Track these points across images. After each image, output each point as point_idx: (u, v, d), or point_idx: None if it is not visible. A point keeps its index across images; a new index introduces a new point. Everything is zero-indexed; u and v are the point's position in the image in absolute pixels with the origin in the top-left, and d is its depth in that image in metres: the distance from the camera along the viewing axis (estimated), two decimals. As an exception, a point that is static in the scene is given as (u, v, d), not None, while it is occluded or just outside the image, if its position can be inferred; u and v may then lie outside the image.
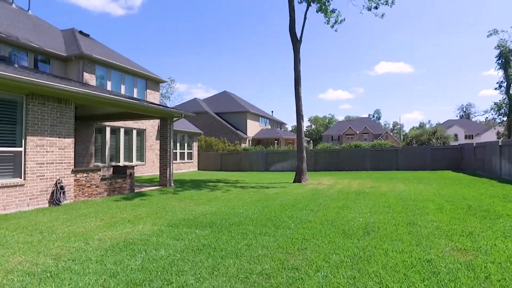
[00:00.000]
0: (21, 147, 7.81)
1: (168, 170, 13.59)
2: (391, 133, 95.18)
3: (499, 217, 6.29)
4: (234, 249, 4.56)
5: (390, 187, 12.21)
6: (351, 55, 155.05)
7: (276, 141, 41.54)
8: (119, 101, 10.37)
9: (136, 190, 11.76)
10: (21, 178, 7.81)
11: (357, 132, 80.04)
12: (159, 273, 3.66)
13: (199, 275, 3.58)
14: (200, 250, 4.52)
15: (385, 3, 16.25)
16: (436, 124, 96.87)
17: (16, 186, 7.63)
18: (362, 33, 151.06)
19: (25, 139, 7.85)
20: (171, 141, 13.71)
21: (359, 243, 4.70)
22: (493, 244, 4.46)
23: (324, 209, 7.61)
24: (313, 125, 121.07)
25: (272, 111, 52.88)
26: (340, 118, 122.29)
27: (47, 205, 8.28)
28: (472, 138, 75.19)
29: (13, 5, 18.83)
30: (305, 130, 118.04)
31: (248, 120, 39.74)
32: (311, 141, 54.90)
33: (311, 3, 16.69)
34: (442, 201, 8.33)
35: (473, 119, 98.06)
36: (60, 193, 8.54)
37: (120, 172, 11.56)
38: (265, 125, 45.23)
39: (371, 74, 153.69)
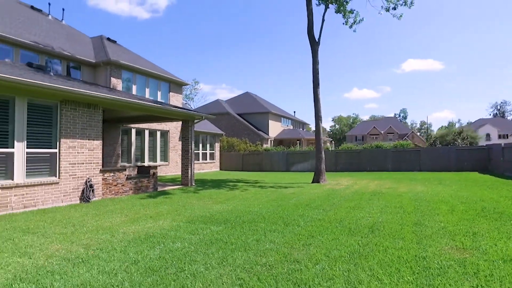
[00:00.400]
0: (56, 148, 8.58)
1: (189, 170, 14.19)
2: (418, 133, 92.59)
3: (497, 219, 6.30)
4: (243, 243, 4.94)
5: (408, 188, 12.18)
6: (377, 53, 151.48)
7: (298, 142, 41.61)
8: (142, 105, 11.03)
9: (159, 189, 12.41)
10: (56, 176, 8.57)
11: (382, 132, 78.41)
12: (174, 262, 4.10)
13: (208, 265, 3.99)
14: (213, 244, 4.93)
15: (403, 4, 16.12)
16: (467, 123, 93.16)
17: (52, 184, 8.40)
18: (388, 30, 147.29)
19: (59, 141, 8.61)
20: (192, 142, 14.30)
21: (361, 241, 4.96)
22: (493, 244, 4.59)
23: (336, 209, 7.85)
24: (337, 125, 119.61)
25: (294, 112, 52.99)
26: (365, 117, 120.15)
27: (78, 202, 9.02)
28: (507, 137, 71.70)
29: (49, 17, 20.19)
30: (328, 130, 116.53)
31: (269, 121, 40.09)
32: (333, 141, 54.38)
33: (329, 5, 16.81)
34: (457, 203, 8.34)
35: (508, 118, 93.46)
36: (89, 191, 9.27)
37: (144, 172, 12.26)
38: (287, 126, 45.40)
39: (398, 72, 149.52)
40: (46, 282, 3.44)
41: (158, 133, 20.98)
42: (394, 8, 16.50)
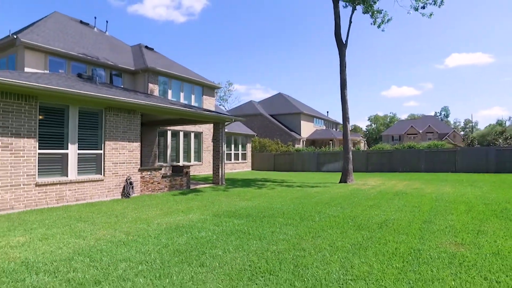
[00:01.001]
0: (101, 150, 9.74)
1: (220, 169, 15.06)
2: (462, 132, 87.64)
3: (523, 218, 6.40)
4: (259, 234, 5.57)
5: (435, 189, 12.15)
6: (417, 48, 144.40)
7: (330, 142, 41.49)
8: (174, 110, 12.03)
9: (191, 187, 13.37)
10: (101, 174, 9.73)
11: (420, 131, 75.36)
12: (198, 246, 4.83)
13: (226, 250, 4.67)
14: (233, 234, 5.61)
15: (433, 3, 15.89)
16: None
17: (98, 181, 9.56)
18: (429, 23, 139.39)
19: (104, 143, 9.76)
20: (223, 143, 15.16)
21: (367, 235, 5.40)
22: (492, 241, 4.86)
23: (354, 207, 8.25)
24: (373, 124, 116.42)
25: (327, 112, 52.70)
26: (403, 116, 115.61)
27: (120, 197, 10.14)
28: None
29: (95, 29, 22.09)
30: (364, 129, 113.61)
31: (302, 121, 40.36)
32: (365, 142, 53.27)
33: (356, 7, 16.96)
34: (479, 204, 8.39)
35: None
36: (129, 187, 10.37)
37: (178, 171, 13.28)
38: (320, 126, 45.34)
39: (440, 68, 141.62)
40: (96, 257, 4.30)
41: (192, 135, 22.16)
42: (423, 7, 16.32)
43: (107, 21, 24.37)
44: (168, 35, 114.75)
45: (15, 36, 13.18)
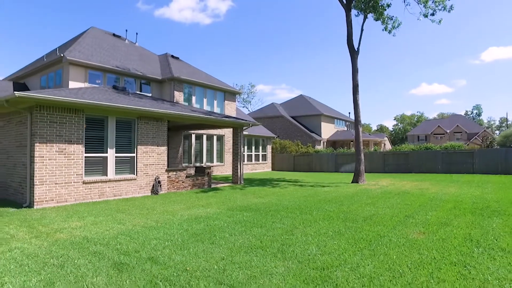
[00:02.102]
0: (134, 153, 11.34)
1: (238, 170, 16.42)
2: (497, 131, 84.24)
3: (497, 216, 7.26)
4: (262, 223, 6.83)
5: (439, 189, 12.84)
6: (450, 43, 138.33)
7: (352, 143, 41.92)
8: (196, 117, 13.50)
9: (212, 186, 14.81)
10: (134, 174, 11.34)
11: (448, 131, 73.49)
12: (211, 231, 6.16)
13: (232, 234, 5.96)
14: (240, 223, 6.90)
15: (442, 9, 16.45)
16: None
17: (131, 180, 11.17)
18: (464, 16, 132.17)
19: (136, 147, 11.36)
20: (241, 146, 16.51)
21: (349, 225, 6.53)
22: (450, 231, 5.85)
23: (351, 204, 9.31)
24: (399, 124, 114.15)
25: (349, 113, 52.86)
26: (433, 115, 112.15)
27: (149, 194, 11.72)
28: None
29: (126, 41, 24.18)
30: (391, 129, 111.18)
31: (322, 123, 41.09)
32: (390, 142, 52.91)
33: (368, 15, 17.79)
34: (467, 202, 9.20)
35: None
36: (158, 185, 11.93)
37: (201, 171, 14.76)
38: (341, 127, 45.80)
39: (475, 63, 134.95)
40: (134, 236, 5.73)
41: (215, 137, 23.71)
42: (433, 14, 16.90)
43: (136, 33, 26.44)
44: (194, 38, 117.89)
45: (62, 55, 15.19)
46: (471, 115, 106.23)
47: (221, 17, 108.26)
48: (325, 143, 41.04)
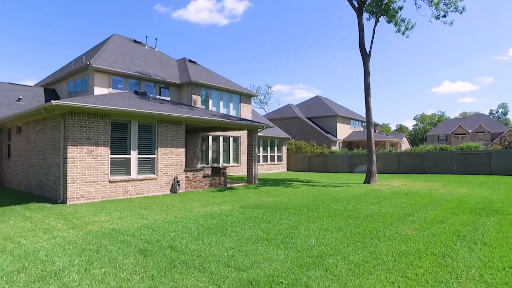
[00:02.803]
0: (155, 154, 12.21)
1: (253, 170, 17.10)
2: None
3: (495, 215, 7.62)
4: (270, 219, 7.47)
5: (449, 190, 13.08)
6: (474, 39, 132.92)
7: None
8: (212, 121, 14.28)
9: (228, 185, 15.55)
10: (155, 174, 12.21)
11: (470, 131, 71.62)
12: (223, 225, 6.85)
13: (242, 228, 6.63)
14: (251, 219, 7.56)
15: (454, 10, 16.57)
16: None
17: (152, 179, 12.05)
18: (491, 11, 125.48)
19: (157, 149, 12.22)
20: (256, 148, 17.19)
21: (350, 222, 7.07)
22: (442, 228, 6.31)
23: (357, 203, 9.81)
24: (420, 124, 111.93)
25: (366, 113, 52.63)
26: (455, 114, 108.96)
27: (169, 192, 12.56)
28: None
29: (146, 46, 25.34)
30: (410, 129, 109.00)
31: (338, 124, 41.27)
32: (409, 142, 52.25)
33: (379, 18, 18.10)
34: (471, 202, 9.52)
35: None
36: (176, 185, 12.77)
37: (217, 171, 15.53)
38: (357, 128, 45.76)
39: (503, 60, 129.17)
40: (156, 229, 6.50)
41: (231, 139, 24.49)
42: (444, 16, 17.04)
43: (156, 39, 27.67)
44: (212, 39, 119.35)
45: (88, 63, 16.33)
46: (496, 114, 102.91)
47: (238, 18, 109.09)
48: (340, 143, 41.18)
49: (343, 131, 42.27)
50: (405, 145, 59.86)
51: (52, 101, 8.83)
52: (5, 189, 13.87)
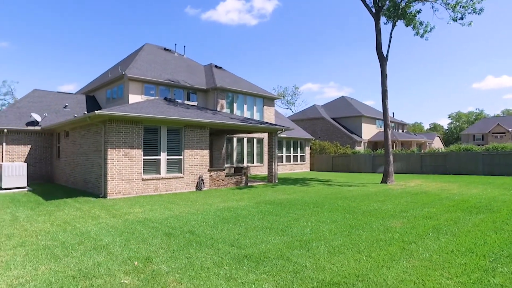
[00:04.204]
0: (181, 156, 13.66)
1: (273, 170, 18.20)
2: None
3: (485, 213, 8.25)
4: (277, 213, 8.56)
5: (461, 190, 13.42)
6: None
7: (394, 143, 41.58)
8: (234, 125, 15.55)
9: (248, 184, 16.77)
10: (181, 173, 13.66)
11: (510, 129, 68.27)
12: (236, 217, 8.03)
13: (252, 219, 7.78)
14: (262, 213, 8.69)
15: (472, 12, 16.72)
16: None
17: (179, 178, 13.50)
18: None
19: (183, 151, 13.66)
20: (275, 149, 18.28)
21: (347, 216, 8.01)
22: (427, 223, 7.10)
23: (363, 201, 10.65)
24: (456, 122, 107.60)
25: (393, 113, 52.02)
26: (496, 112, 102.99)
27: (194, 190, 13.98)
28: None
29: (175, 54, 27.18)
30: (445, 128, 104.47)
31: (362, 124, 41.36)
32: (429, 143, 50.91)
33: (396, 23, 18.55)
34: (473, 201, 10.09)
35: None
36: (201, 183, 14.15)
37: (239, 171, 16.79)
38: (383, 128, 45.43)
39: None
40: (180, 218, 7.81)
41: (255, 140, 25.72)
42: (462, 18, 17.21)
43: (184, 46, 29.48)
44: (241, 39, 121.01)
45: (123, 73, 18.20)
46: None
47: (267, 17, 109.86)
48: (365, 144, 41.22)
49: (369, 131, 42.26)
50: (437, 145, 58.33)
51: (95, 111, 10.46)
52: (56, 185, 15.95)
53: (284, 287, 3.71)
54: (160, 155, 12.89)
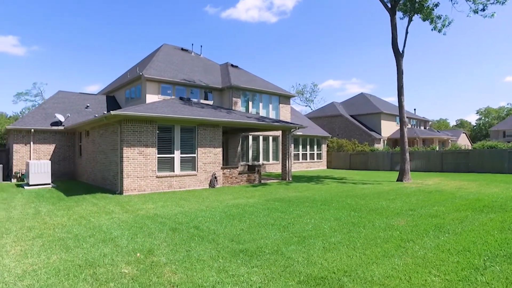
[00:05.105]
0: (195, 154, 14.02)
1: (287, 167, 18.30)
2: None
3: (496, 212, 8.06)
4: (284, 210, 8.71)
5: (480, 189, 12.97)
6: None
7: (415, 141, 40.59)
8: (247, 123, 15.76)
9: (262, 181, 16.96)
10: (195, 171, 14.02)
11: (542, 126, 64.83)
12: (243, 214, 8.24)
13: (258, 216, 7.97)
14: (269, 209, 8.87)
15: (495, 2, 16.08)
16: None
17: (193, 175, 13.87)
18: None
19: (197, 149, 14.02)
20: (289, 147, 18.36)
21: (352, 214, 8.05)
22: (431, 221, 7.05)
23: (372, 199, 10.60)
24: (485, 118, 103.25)
25: (414, 109, 50.72)
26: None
27: (207, 187, 14.31)
28: None
29: (192, 53, 27.68)
30: (474, 124, 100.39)
31: (382, 121, 40.60)
32: (452, 140, 49.16)
33: (413, 17, 18.15)
34: (488, 201, 9.85)
35: None
36: (214, 180, 14.47)
37: (252, 169, 17.01)
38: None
39: None
40: (188, 214, 8.11)
41: (270, 138, 25.86)
42: (483, 9, 16.61)
43: (201, 46, 30.11)
44: (262, 37, 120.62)
45: (140, 73, 18.80)
46: None
47: (287, 14, 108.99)
48: (385, 141, 40.46)
49: (388, 128, 41.43)
50: (463, 142, 56.32)
51: (111, 111, 10.96)
52: (78, 182, 16.76)
53: (271, 279, 3.89)
54: (174, 153, 13.29)
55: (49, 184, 14.66)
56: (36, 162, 14.28)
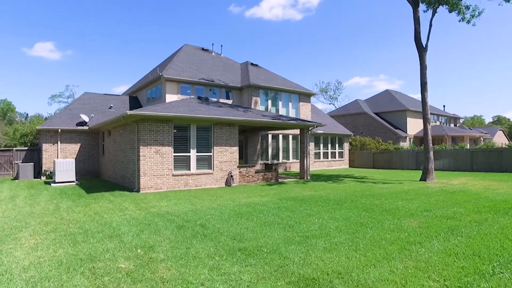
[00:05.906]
0: (211, 152, 14.17)
1: (305, 166, 18.11)
2: None
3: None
4: (294, 209, 8.61)
5: (510, 190, 12.19)
6: None
7: (444, 139, 38.96)
8: (263, 122, 15.73)
9: (279, 180, 16.87)
10: (211, 169, 14.17)
11: None
12: (252, 213, 8.24)
13: (266, 215, 7.93)
14: (278, 208, 8.81)
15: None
16: None
17: (209, 174, 14.02)
18: None
19: (213, 148, 14.15)
20: (307, 145, 18.15)
21: (362, 214, 7.83)
22: (445, 223, 6.72)
23: (388, 199, 10.27)
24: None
25: (444, 106, 48.58)
26: None
27: (223, 186, 14.42)
28: None
29: (213, 53, 27.96)
30: None
31: (408, 118, 39.26)
32: (484, 138, 46.60)
33: (437, 10, 17.36)
34: (513, 201, 9.27)
35: None
36: (230, 179, 14.55)
37: (270, 167, 16.96)
38: (432, 122, 42.70)
39: None
40: (198, 212, 8.21)
41: (290, 137, 25.67)
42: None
43: (221, 45, 30.33)
44: (287, 35, 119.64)
45: (160, 74, 19.23)
46: None
47: (312, 11, 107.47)
48: (411, 139, 39.09)
49: (415, 126, 39.96)
50: (499, 140, 53.37)
51: (127, 111, 11.30)
52: (101, 180, 17.41)
53: (261, 278, 3.85)
54: (190, 152, 13.50)
55: (73, 181, 15.32)
56: (62, 161, 14.97)
